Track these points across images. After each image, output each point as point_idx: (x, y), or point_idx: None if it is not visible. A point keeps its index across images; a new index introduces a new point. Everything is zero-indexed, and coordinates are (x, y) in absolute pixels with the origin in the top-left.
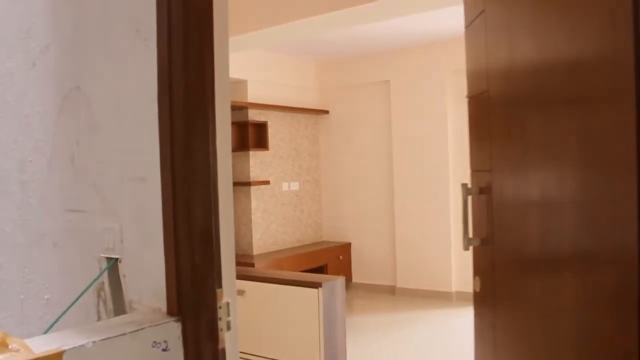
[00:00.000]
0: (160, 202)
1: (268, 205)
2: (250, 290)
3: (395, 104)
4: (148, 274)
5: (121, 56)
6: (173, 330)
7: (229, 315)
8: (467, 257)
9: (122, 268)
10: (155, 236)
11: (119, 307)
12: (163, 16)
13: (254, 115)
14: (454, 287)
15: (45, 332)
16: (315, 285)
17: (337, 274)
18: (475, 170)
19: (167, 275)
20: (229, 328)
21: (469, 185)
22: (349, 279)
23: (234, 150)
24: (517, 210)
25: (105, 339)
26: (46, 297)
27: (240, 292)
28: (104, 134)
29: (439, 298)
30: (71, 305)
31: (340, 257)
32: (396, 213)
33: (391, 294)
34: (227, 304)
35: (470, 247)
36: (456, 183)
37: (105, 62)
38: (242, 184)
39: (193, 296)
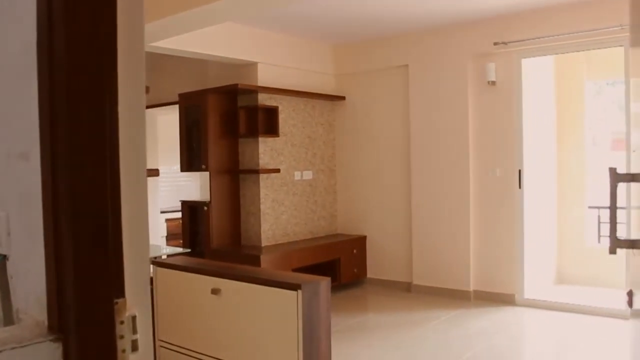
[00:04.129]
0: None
1: (278, 194)
2: (227, 289)
3: (413, 90)
4: (33, 277)
5: None
6: (50, 353)
7: (135, 332)
8: (486, 255)
9: (10, 267)
10: (38, 230)
11: (8, 315)
12: None
13: (264, 100)
14: (472, 286)
15: None
16: (294, 287)
17: (351, 268)
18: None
19: (48, 280)
20: (135, 349)
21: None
22: (363, 274)
23: (241, 136)
24: None
25: None
26: None
27: (216, 291)
28: None
29: (456, 297)
30: None
31: (355, 251)
32: (413, 206)
33: (407, 291)
34: (133, 318)
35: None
36: (477, 175)
37: None
38: (250, 172)
39: (78, 308)
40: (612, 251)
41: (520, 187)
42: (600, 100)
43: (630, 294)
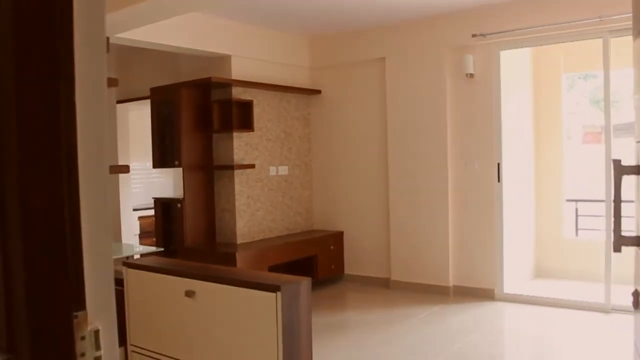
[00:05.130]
0: None
1: (254, 190)
2: (202, 291)
3: (391, 83)
4: None
5: None
6: None
7: (98, 348)
8: (465, 250)
9: None
10: None
11: None
12: None
13: (238, 94)
14: (452, 282)
15: None
16: (273, 288)
17: (329, 265)
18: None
19: None
20: None
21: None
22: (341, 271)
23: (215, 131)
24: None
25: None
26: None
27: (190, 293)
28: None
29: (436, 293)
30: None
31: (332, 247)
32: (391, 200)
33: (385, 288)
34: (96, 332)
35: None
36: (455, 169)
37: None
38: (224, 167)
39: (31, 324)
40: (617, 249)
41: (499, 180)
42: (573, 94)
43: (635, 294)
